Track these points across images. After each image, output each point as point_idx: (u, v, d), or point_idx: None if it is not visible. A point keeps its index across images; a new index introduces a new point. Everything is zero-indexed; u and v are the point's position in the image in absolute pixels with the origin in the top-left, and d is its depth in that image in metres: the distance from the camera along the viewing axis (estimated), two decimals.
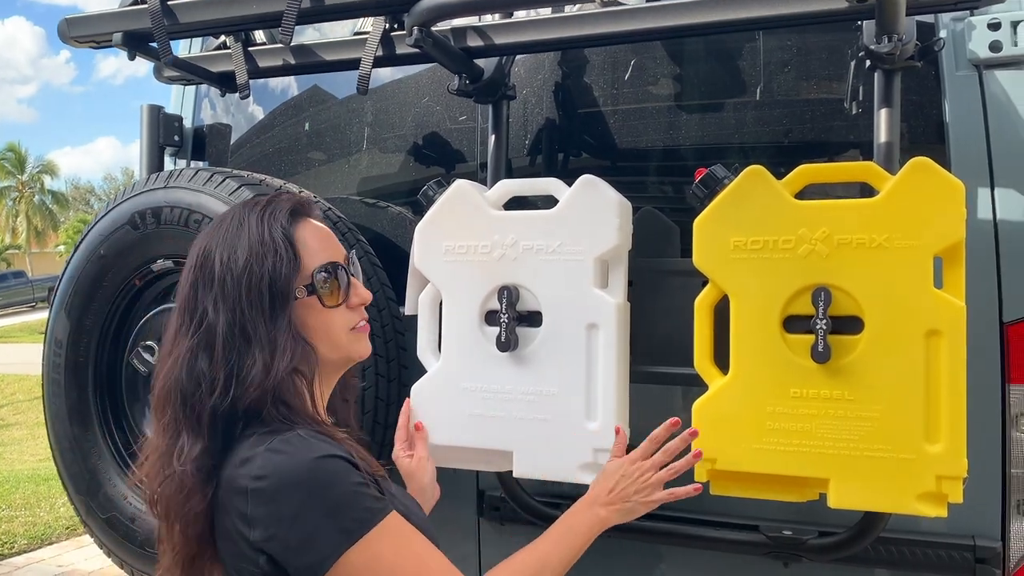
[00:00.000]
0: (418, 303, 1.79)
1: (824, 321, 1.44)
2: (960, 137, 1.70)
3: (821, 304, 1.44)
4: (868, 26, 1.52)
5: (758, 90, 1.87)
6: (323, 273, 1.24)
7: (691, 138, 1.97)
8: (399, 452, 1.60)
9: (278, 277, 1.19)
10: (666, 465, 1.41)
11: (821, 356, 1.44)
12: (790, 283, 1.48)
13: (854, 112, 1.76)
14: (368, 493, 1.12)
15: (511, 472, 1.69)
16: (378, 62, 1.76)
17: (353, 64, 1.77)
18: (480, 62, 1.84)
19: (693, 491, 1.42)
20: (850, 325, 1.45)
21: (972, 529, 1.66)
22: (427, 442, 1.65)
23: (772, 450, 1.49)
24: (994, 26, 1.67)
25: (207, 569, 1.18)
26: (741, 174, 1.53)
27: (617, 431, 1.53)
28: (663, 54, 1.97)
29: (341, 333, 1.27)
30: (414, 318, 1.80)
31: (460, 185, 1.74)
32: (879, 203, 1.44)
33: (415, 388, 1.74)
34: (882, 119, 1.55)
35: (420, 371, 1.76)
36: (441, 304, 1.75)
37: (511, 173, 1.94)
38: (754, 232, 1.51)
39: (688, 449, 1.46)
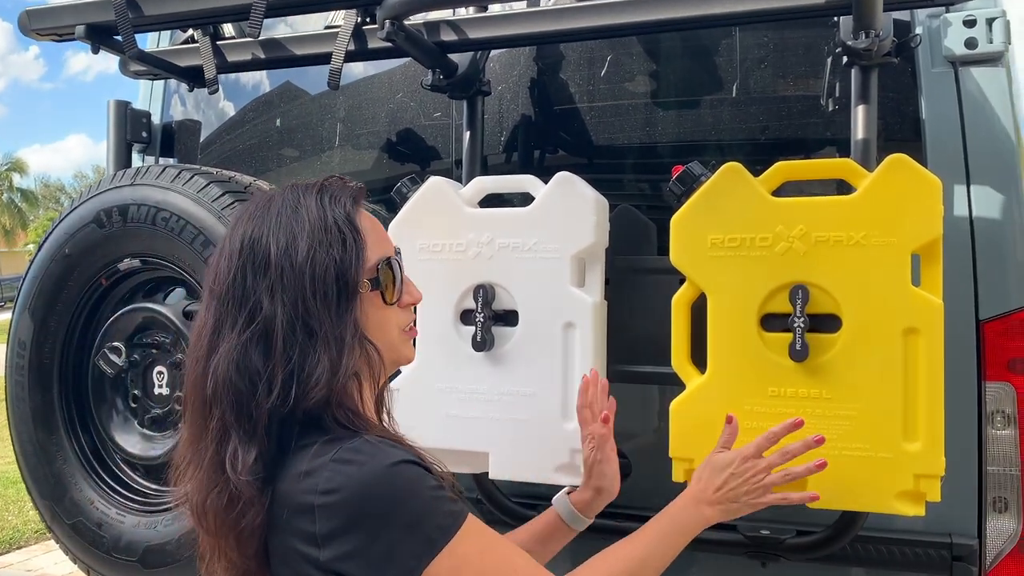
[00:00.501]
0: None
1: (802, 319, 1.43)
2: (936, 134, 1.70)
3: (799, 302, 1.43)
4: (845, 22, 1.51)
5: (734, 87, 1.86)
6: (385, 266, 1.14)
7: (667, 135, 1.95)
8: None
9: (346, 267, 1.07)
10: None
11: (799, 355, 1.43)
12: (767, 281, 1.47)
13: (830, 109, 1.75)
14: (446, 497, 1.04)
15: (487, 474, 1.66)
16: (350, 56, 1.73)
17: (324, 59, 1.74)
18: (454, 57, 1.81)
19: (809, 498, 1.32)
20: (828, 323, 1.44)
21: (949, 527, 1.66)
22: (611, 436, 1.46)
23: None
24: (969, 23, 1.67)
25: None
26: (718, 171, 1.51)
27: (729, 420, 1.38)
28: (639, 50, 1.96)
29: (395, 333, 1.17)
30: None
31: (435, 182, 1.71)
32: (856, 200, 1.43)
33: (390, 388, 1.71)
34: (859, 115, 1.54)
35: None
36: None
37: (486, 170, 1.91)
38: (731, 230, 1.49)
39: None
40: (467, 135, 1.87)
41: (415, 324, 1.23)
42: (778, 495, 1.31)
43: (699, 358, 1.54)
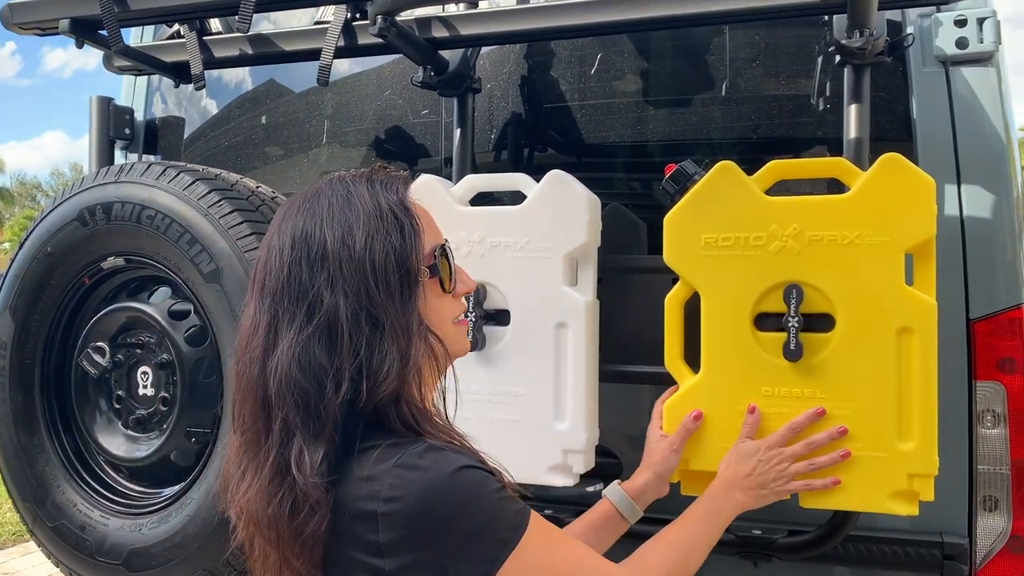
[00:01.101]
0: None
1: (796, 319, 1.42)
2: (927, 133, 1.70)
3: (793, 301, 1.42)
4: (838, 20, 1.51)
5: (725, 85, 1.86)
6: (441, 253, 1.10)
7: (658, 133, 1.94)
8: (657, 430, 1.51)
9: (406, 254, 1.03)
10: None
11: (793, 354, 1.42)
12: (761, 280, 1.46)
13: (822, 108, 1.75)
14: (510, 498, 1.02)
15: None
16: (339, 53, 1.70)
17: (314, 55, 1.72)
18: (445, 54, 1.79)
19: (831, 483, 1.39)
20: (822, 323, 1.44)
21: (939, 526, 1.67)
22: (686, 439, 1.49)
23: None
24: (960, 23, 1.67)
25: None
26: (712, 170, 1.50)
27: (752, 409, 1.44)
28: (630, 48, 1.95)
29: (450, 325, 1.13)
30: None
31: (425, 180, 1.69)
32: (850, 200, 1.43)
33: None
34: (852, 115, 1.54)
35: None
36: None
37: (476, 168, 1.90)
38: (725, 229, 1.49)
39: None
40: (457, 133, 1.85)
41: (466, 315, 1.22)
42: (802, 482, 1.39)
43: (691, 357, 1.53)
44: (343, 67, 2.19)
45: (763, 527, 1.71)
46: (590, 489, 1.88)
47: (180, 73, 1.94)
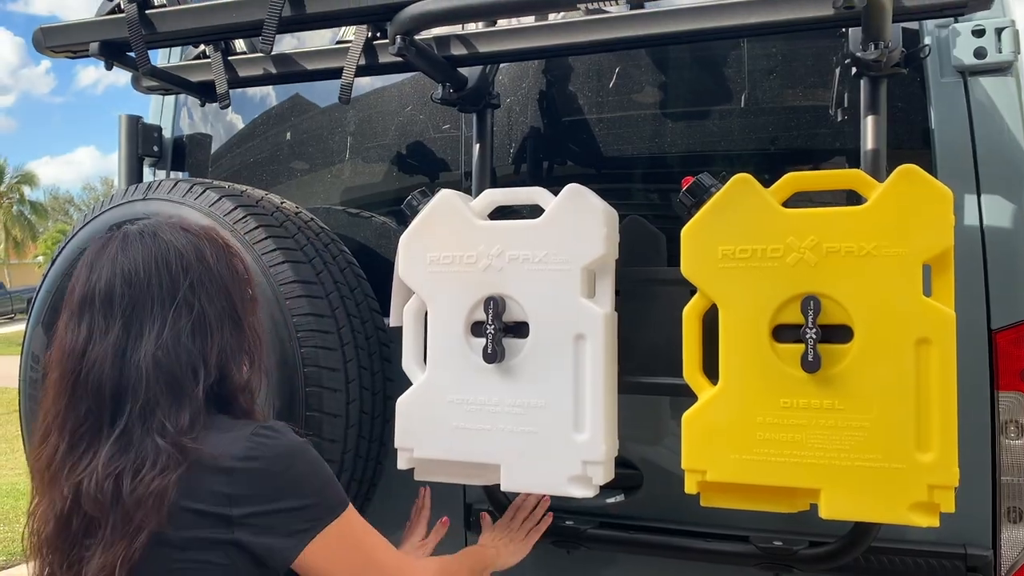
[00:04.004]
0: (403, 314, 1.76)
1: (814, 330, 1.42)
2: (946, 143, 1.70)
3: (810, 313, 1.43)
4: (854, 33, 1.51)
5: (742, 98, 1.86)
6: None
7: (676, 146, 1.96)
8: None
9: (245, 281, 1.34)
10: None
11: (811, 366, 1.42)
12: (779, 292, 1.47)
13: (839, 119, 1.76)
14: (336, 479, 1.29)
15: (498, 486, 1.66)
16: (361, 71, 1.74)
17: (335, 73, 1.75)
18: (464, 71, 1.82)
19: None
20: (840, 334, 1.44)
21: (963, 537, 1.65)
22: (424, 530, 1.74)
23: (762, 461, 1.47)
24: (978, 33, 1.67)
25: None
26: (728, 182, 1.51)
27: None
28: (647, 62, 1.96)
29: None
30: (399, 330, 1.77)
31: (445, 195, 1.72)
32: (867, 211, 1.43)
33: (400, 401, 1.71)
34: (869, 126, 1.54)
35: (405, 383, 1.74)
36: (426, 315, 1.73)
37: (495, 182, 1.92)
38: (742, 241, 1.49)
39: None
40: (476, 148, 1.87)
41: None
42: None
43: (710, 369, 1.54)
44: (364, 83, 2.23)
45: (784, 538, 1.71)
46: (610, 500, 1.89)
47: (206, 92, 1.99)
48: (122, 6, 1.73)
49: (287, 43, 2.20)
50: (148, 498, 1.13)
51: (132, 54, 1.80)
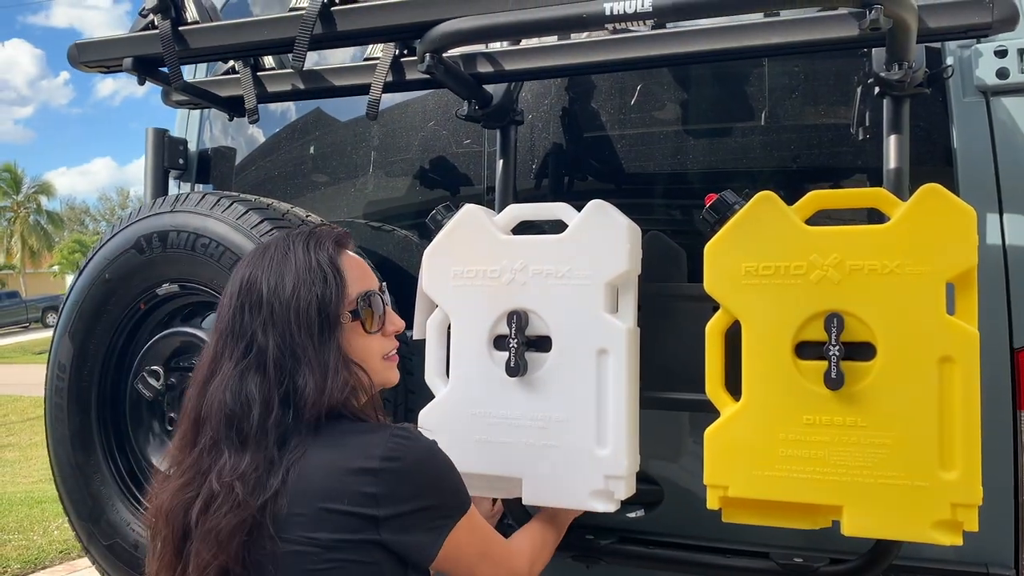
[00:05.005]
0: (426, 327, 1.78)
1: (837, 347, 1.43)
2: (968, 163, 1.71)
3: (834, 330, 1.43)
4: (877, 53, 1.53)
5: (763, 115, 1.88)
6: (365, 299, 1.34)
7: (696, 163, 1.97)
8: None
9: (327, 302, 1.27)
10: None
11: (834, 383, 1.43)
12: (802, 309, 1.47)
13: (861, 138, 1.77)
14: (461, 477, 1.34)
15: (519, 500, 1.67)
16: (388, 87, 1.77)
17: (363, 89, 1.78)
18: (488, 88, 1.84)
19: None
20: (862, 351, 1.44)
21: (985, 557, 1.65)
22: None
23: (785, 477, 1.47)
24: (1001, 53, 1.68)
25: None
26: (752, 200, 1.53)
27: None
28: (669, 80, 1.98)
29: (377, 359, 1.37)
30: (421, 342, 1.79)
31: (470, 209, 1.74)
32: (891, 229, 1.44)
33: (423, 413, 1.73)
34: (891, 145, 1.55)
35: (428, 396, 1.75)
36: (449, 329, 1.75)
37: (518, 197, 1.94)
38: (765, 258, 1.50)
39: None
40: (500, 163, 1.89)
41: (397, 351, 1.43)
42: None
43: (732, 386, 1.55)
44: (388, 98, 2.25)
45: (804, 555, 1.71)
46: (630, 515, 1.90)
47: (234, 107, 2.02)
48: (156, 23, 1.76)
49: (311, 59, 2.23)
50: (211, 533, 1.17)
51: (164, 69, 1.83)
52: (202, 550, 1.18)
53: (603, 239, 1.63)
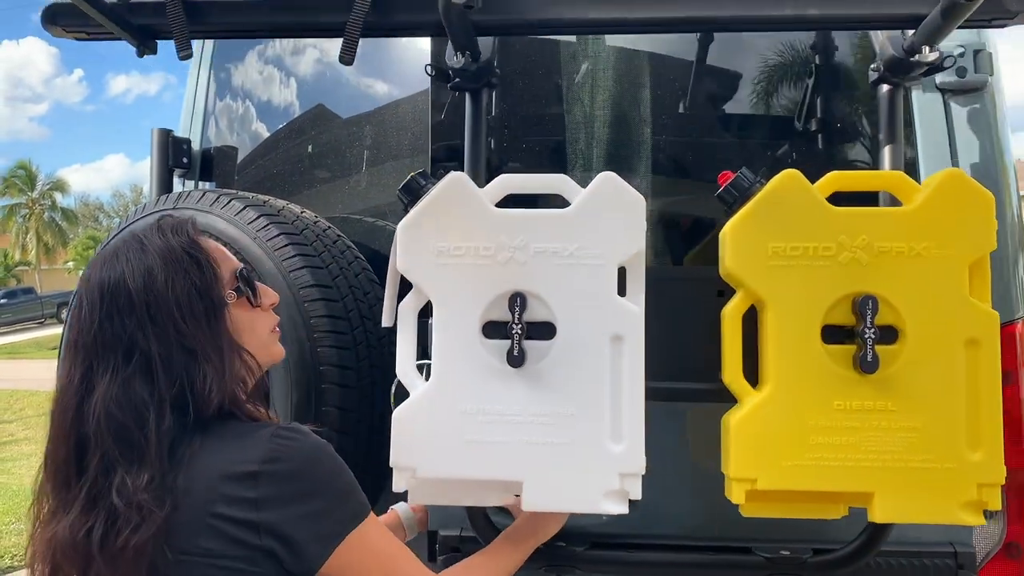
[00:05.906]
0: (398, 312, 1.54)
1: (872, 330, 1.40)
2: (928, 157, 1.78)
3: (869, 312, 1.40)
4: (894, 37, 1.53)
5: (755, 92, 1.85)
6: (242, 275, 1.28)
7: (693, 146, 1.90)
8: None
9: (208, 285, 1.20)
10: None
11: (870, 366, 1.40)
12: (831, 291, 1.43)
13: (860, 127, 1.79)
14: (358, 484, 1.23)
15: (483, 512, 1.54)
16: (367, 30, 1.49)
17: (336, 29, 1.49)
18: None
19: None
20: (887, 334, 1.43)
21: (950, 536, 1.71)
22: None
23: (816, 466, 1.42)
24: (958, 54, 1.77)
25: None
26: (776, 177, 1.46)
27: None
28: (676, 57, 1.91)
29: (266, 333, 1.32)
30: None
31: (456, 177, 1.51)
32: (916, 212, 1.43)
33: (397, 414, 1.47)
34: (896, 132, 1.57)
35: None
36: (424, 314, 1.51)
37: (491, 171, 1.74)
38: (792, 238, 1.44)
39: None
40: (470, 131, 1.69)
41: (279, 325, 1.37)
42: None
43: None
44: (382, 94, 2.25)
45: (791, 547, 1.67)
46: (605, 517, 1.76)
47: (145, 39, 1.60)
48: None
49: None
50: (120, 554, 1.09)
51: None
52: (107, 574, 1.11)
53: (616, 216, 1.48)
